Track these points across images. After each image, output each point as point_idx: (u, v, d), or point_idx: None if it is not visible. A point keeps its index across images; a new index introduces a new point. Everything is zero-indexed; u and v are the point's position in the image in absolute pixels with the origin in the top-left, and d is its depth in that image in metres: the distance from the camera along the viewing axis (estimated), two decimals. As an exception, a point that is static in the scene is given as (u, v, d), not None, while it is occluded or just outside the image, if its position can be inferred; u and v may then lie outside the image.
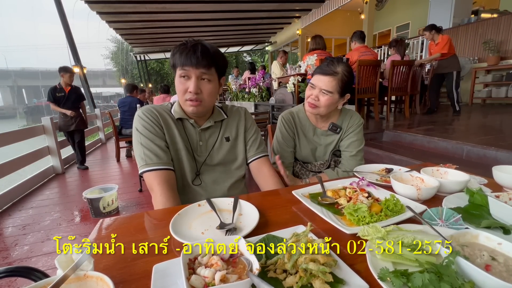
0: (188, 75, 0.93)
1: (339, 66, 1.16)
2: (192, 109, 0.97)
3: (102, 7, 6.44)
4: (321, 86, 1.16)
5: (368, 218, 0.66)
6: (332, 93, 1.15)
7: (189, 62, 0.90)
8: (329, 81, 1.15)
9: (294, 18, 10.01)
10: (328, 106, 1.18)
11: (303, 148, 1.33)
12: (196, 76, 0.93)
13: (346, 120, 1.29)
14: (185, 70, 0.92)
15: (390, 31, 10.43)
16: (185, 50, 0.91)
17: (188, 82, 0.94)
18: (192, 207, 0.78)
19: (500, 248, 0.49)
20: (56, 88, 3.98)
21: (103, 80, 43.31)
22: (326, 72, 1.15)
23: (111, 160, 4.96)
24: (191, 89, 0.93)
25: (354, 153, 1.25)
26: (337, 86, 1.15)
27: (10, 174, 3.17)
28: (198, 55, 0.90)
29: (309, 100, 1.21)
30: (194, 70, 0.92)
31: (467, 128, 3.08)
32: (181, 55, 0.92)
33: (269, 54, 13.89)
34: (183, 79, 0.94)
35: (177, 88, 0.97)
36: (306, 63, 3.18)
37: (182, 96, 0.96)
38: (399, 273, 0.43)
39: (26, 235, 2.24)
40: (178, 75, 0.94)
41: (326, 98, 1.16)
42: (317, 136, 1.32)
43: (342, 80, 1.15)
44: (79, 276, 0.43)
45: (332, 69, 1.15)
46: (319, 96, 1.18)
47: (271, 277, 0.49)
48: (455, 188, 0.83)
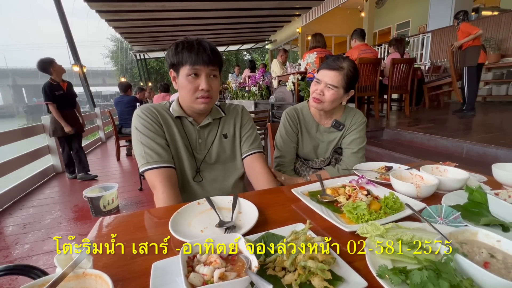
0: (198, 73, 0.93)
1: (345, 62, 1.17)
2: (204, 106, 0.98)
3: (102, 5, 6.42)
4: (327, 81, 1.17)
5: (367, 216, 0.66)
6: (337, 88, 1.17)
7: (201, 61, 0.91)
8: (335, 75, 1.16)
9: (294, 16, 9.97)
10: (333, 101, 1.19)
11: (305, 145, 1.34)
12: (206, 73, 0.93)
13: (349, 118, 1.30)
14: (195, 69, 0.92)
15: (391, 29, 10.40)
16: (194, 49, 0.91)
17: (198, 80, 0.94)
18: (192, 205, 0.78)
19: (499, 245, 0.49)
20: (53, 85, 3.21)
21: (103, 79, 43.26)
22: (332, 67, 1.17)
23: (111, 159, 4.97)
24: (203, 87, 0.93)
25: (355, 151, 1.26)
26: (343, 81, 1.16)
27: (11, 173, 3.17)
28: (208, 53, 0.92)
29: (314, 95, 1.22)
30: (205, 68, 0.92)
31: (467, 126, 3.08)
32: (190, 54, 0.91)
33: (269, 52, 13.86)
34: (191, 77, 0.93)
35: (184, 87, 0.95)
36: (306, 61, 3.17)
37: (193, 95, 0.95)
38: (397, 271, 0.43)
39: (26, 233, 2.24)
40: (185, 74, 0.93)
41: (331, 93, 1.17)
42: (320, 133, 1.33)
43: (347, 75, 1.16)
44: (78, 274, 0.43)
45: (338, 64, 1.16)
46: (324, 91, 1.19)
47: (270, 275, 0.49)
48: (454, 185, 0.83)
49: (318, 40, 3.73)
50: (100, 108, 6.80)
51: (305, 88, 3.10)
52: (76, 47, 6.51)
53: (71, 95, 3.47)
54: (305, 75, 3.27)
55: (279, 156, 1.34)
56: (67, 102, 3.40)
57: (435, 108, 5.08)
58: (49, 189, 3.39)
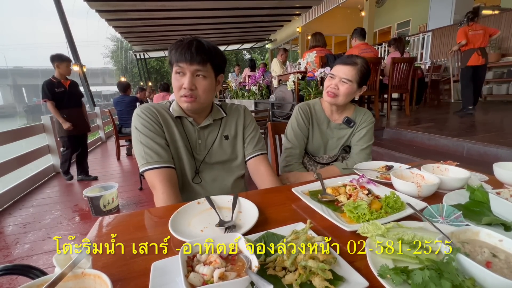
0: (183, 72, 0.93)
1: (359, 59, 1.23)
2: (187, 106, 0.96)
3: (102, 5, 6.41)
4: (341, 75, 1.22)
5: (368, 215, 0.66)
6: (352, 82, 1.21)
7: (183, 58, 0.90)
8: (349, 70, 1.21)
9: (294, 15, 9.94)
10: (347, 95, 1.24)
11: (315, 140, 1.37)
12: (191, 72, 0.92)
13: (360, 116, 1.34)
14: (179, 67, 0.92)
15: (391, 28, 10.39)
16: (180, 47, 0.91)
17: (183, 79, 0.93)
18: (191, 204, 0.77)
19: (501, 245, 0.48)
20: (52, 82, 3.11)
21: (103, 78, 43.27)
22: (346, 62, 1.23)
23: (112, 158, 4.96)
24: (185, 85, 0.93)
25: (364, 147, 1.30)
26: (357, 76, 1.21)
27: (11, 172, 3.17)
28: (192, 51, 0.90)
29: (328, 89, 1.26)
30: (188, 66, 0.91)
31: (467, 125, 3.07)
32: (176, 52, 0.92)
33: (269, 52, 13.84)
34: (178, 75, 0.94)
35: (173, 84, 0.97)
36: (306, 61, 3.16)
37: (177, 93, 0.97)
38: (399, 270, 0.43)
39: (26, 233, 2.24)
40: (174, 72, 0.95)
41: (346, 87, 1.22)
42: (330, 129, 1.36)
43: (361, 70, 1.22)
44: (77, 274, 0.43)
45: (352, 60, 1.22)
46: (338, 85, 1.23)
47: (270, 275, 0.48)
48: (455, 185, 0.82)
49: (318, 39, 3.72)
50: (100, 108, 6.81)
51: (305, 87, 3.09)
52: (76, 46, 6.51)
53: (75, 94, 3.38)
54: (305, 74, 3.26)
55: (289, 147, 1.36)
56: (69, 100, 3.29)
57: (435, 107, 5.07)
58: (49, 189, 3.39)
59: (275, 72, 5.49)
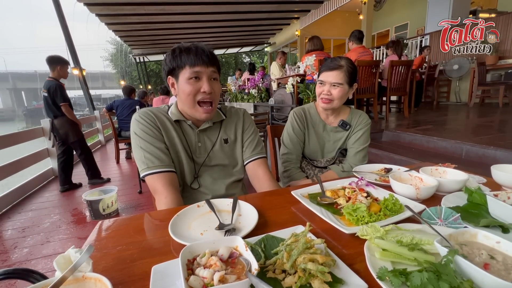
0: (199, 76, 0.91)
1: (342, 60, 1.24)
2: (206, 116, 0.96)
3: (101, 9, 6.45)
4: (331, 81, 1.23)
5: (367, 217, 0.66)
6: (342, 84, 1.23)
7: (201, 61, 0.89)
8: (337, 74, 1.23)
9: (293, 19, 10.03)
10: (341, 97, 1.25)
11: (312, 143, 1.37)
12: (207, 75, 0.92)
13: (355, 118, 1.35)
14: (196, 71, 0.90)
15: (389, 31, 10.46)
16: (192, 51, 0.89)
17: (200, 83, 0.91)
18: (191, 208, 0.78)
19: (499, 246, 0.49)
20: (62, 85, 3.12)
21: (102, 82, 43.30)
22: (332, 67, 1.23)
23: (111, 161, 4.95)
24: (205, 89, 0.91)
25: (359, 149, 1.31)
26: (345, 77, 1.23)
27: (10, 176, 3.16)
28: (207, 54, 0.90)
29: (322, 96, 1.27)
30: (205, 70, 0.91)
31: (466, 127, 3.09)
32: (189, 55, 0.89)
33: (268, 55, 13.90)
34: (192, 80, 0.91)
35: (185, 91, 0.92)
36: (305, 64, 3.18)
37: (193, 98, 0.93)
38: (398, 272, 0.43)
39: (25, 237, 2.23)
40: (186, 77, 0.91)
41: (338, 90, 1.23)
42: (326, 132, 1.37)
43: (348, 71, 1.23)
44: (77, 278, 0.43)
45: (337, 63, 1.24)
46: (331, 90, 1.25)
47: (270, 277, 0.48)
48: (454, 187, 0.83)
49: (315, 43, 3.74)
50: (100, 111, 6.80)
51: (304, 90, 3.11)
52: (75, 50, 6.53)
53: None
54: (304, 77, 3.28)
55: (286, 153, 1.37)
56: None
57: (434, 109, 5.09)
58: (48, 193, 3.38)
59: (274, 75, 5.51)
